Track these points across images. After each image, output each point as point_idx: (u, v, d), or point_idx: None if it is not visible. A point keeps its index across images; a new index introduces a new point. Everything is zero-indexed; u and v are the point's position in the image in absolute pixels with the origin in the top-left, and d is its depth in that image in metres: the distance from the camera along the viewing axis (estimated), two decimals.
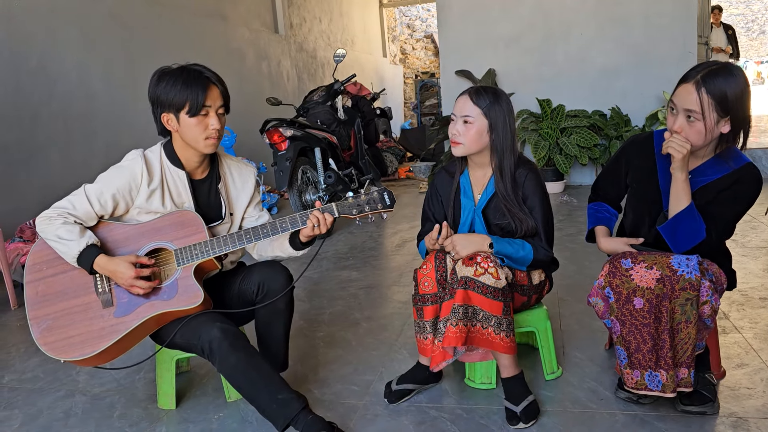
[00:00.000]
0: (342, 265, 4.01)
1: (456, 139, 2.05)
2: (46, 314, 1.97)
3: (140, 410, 2.24)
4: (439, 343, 1.93)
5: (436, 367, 1.98)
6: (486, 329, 1.92)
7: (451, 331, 1.88)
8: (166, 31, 6.07)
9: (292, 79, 8.67)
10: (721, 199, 1.87)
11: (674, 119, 1.84)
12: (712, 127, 1.79)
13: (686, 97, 1.79)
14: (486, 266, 1.90)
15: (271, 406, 1.84)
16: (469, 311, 1.91)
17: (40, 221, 1.94)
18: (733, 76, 1.77)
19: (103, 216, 1.99)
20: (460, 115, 2.04)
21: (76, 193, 1.97)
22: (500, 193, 2.06)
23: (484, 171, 2.13)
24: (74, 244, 1.90)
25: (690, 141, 1.80)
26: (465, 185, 2.16)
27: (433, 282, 2.03)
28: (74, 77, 4.92)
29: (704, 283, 1.78)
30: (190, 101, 1.91)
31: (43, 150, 4.61)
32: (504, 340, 1.92)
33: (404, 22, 15.50)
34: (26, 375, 2.62)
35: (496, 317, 1.91)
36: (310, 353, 2.62)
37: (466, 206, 2.15)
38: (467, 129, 2.03)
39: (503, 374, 2.01)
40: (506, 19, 6.56)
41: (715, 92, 1.75)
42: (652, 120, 6.00)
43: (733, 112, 1.78)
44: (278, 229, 1.96)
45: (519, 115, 6.29)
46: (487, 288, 1.89)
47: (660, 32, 6.11)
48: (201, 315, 1.95)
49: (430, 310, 2.04)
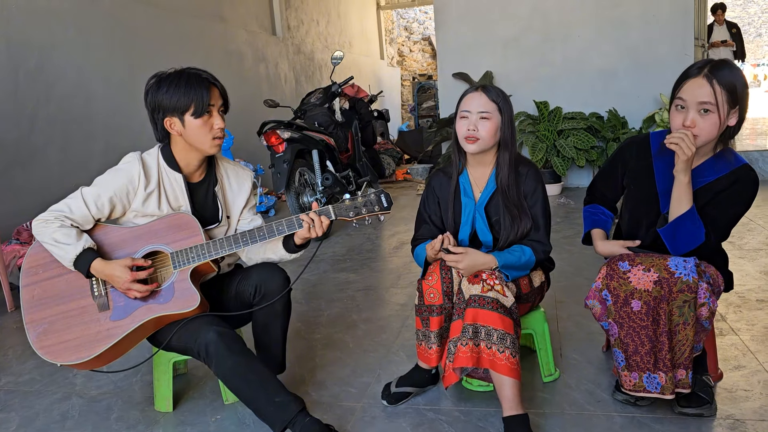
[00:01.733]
0: (340, 267, 4.01)
1: (473, 135, 2.02)
2: (42, 318, 1.96)
3: (137, 413, 2.23)
4: (450, 364, 1.90)
5: (448, 387, 1.96)
6: (490, 348, 1.85)
7: (461, 352, 1.86)
8: (165, 32, 6.07)
9: (290, 81, 8.67)
10: (719, 201, 1.87)
11: (683, 116, 1.82)
12: (724, 119, 1.80)
13: (698, 91, 1.79)
14: (492, 283, 1.88)
15: (268, 408, 1.84)
16: (480, 331, 1.86)
17: (37, 224, 1.93)
18: (734, 69, 1.82)
19: (100, 219, 1.99)
20: (476, 111, 2.03)
21: (73, 196, 1.96)
22: (503, 187, 2.06)
23: (485, 169, 2.13)
24: (71, 247, 1.89)
25: (702, 135, 1.81)
26: (465, 184, 2.15)
27: (439, 294, 2.01)
28: (72, 79, 4.91)
29: (702, 285, 1.78)
30: (195, 102, 1.92)
31: (40, 152, 4.60)
32: (510, 360, 1.84)
33: (402, 25, 15.51)
34: (23, 378, 2.61)
35: (499, 332, 1.85)
36: (308, 355, 2.62)
37: (467, 205, 2.14)
38: (485, 124, 2.02)
39: (505, 411, 1.86)
40: (504, 21, 6.57)
41: (725, 83, 1.78)
42: (650, 122, 6.01)
43: (741, 103, 1.81)
44: (275, 231, 1.96)
45: (516, 117, 6.29)
46: (496, 303, 1.86)
47: (657, 35, 6.13)
48: (197, 318, 1.94)
49: (436, 320, 2.02)
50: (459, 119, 2.07)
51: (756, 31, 19.74)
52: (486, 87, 2.07)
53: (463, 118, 2.06)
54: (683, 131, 1.79)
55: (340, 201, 1.97)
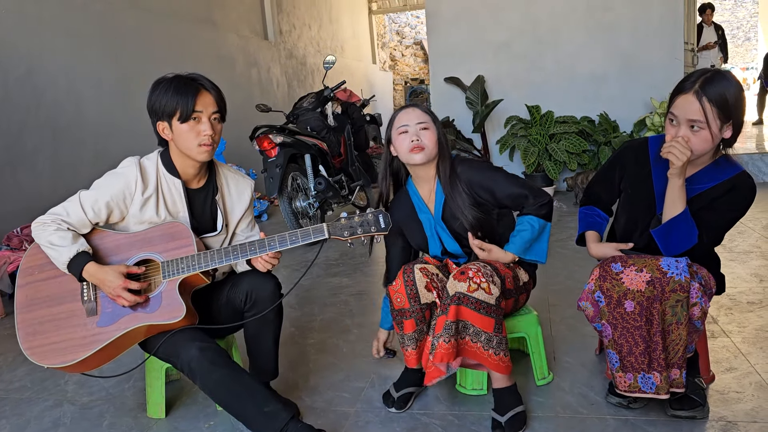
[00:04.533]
0: (333, 271, 4.00)
1: (418, 144, 2.06)
2: (33, 319, 1.96)
3: (130, 419, 2.22)
4: (432, 359, 1.92)
5: (429, 383, 1.96)
6: (475, 343, 1.91)
7: (442, 348, 1.88)
8: (155, 38, 6.06)
9: (282, 86, 8.67)
10: (715, 206, 1.88)
11: (675, 129, 1.83)
12: (717, 134, 1.80)
13: (688, 108, 1.78)
14: (479, 281, 1.90)
15: (258, 419, 1.82)
16: (460, 326, 1.91)
17: (35, 226, 1.93)
18: (728, 81, 1.78)
19: (98, 223, 1.97)
20: (414, 123, 2.09)
21: (71, 199, 1.95)
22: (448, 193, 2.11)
23: (430, 184, 2.18)
24: (65, 250, 1.88)
25: (694, 149, 1.80)
26: (418, 203, 2.21)
27: (404, 297, 2.04)
28: (62, 85, 4.89)
29: (694, 285, 1.79)
30: (180, 107, 1.90)
31: (31, 158, 4.57)
32: (492, 357, 1.91)
33: (394, 29, 15.55)
34: (14, 384, 2.59)
35: (486, 333, 1.90)
36: (301, 360, 2.61)
37: (427, 221, 2.19)
38: (426, 134, 2.09)
39: (494, 384, 2.00)
40: (495, 25, 6.60)
41: (716, 99, 1.75)
42: (640, 126, 6.05)
43: (735, 116, 1.79)
44: (266, 246, 1.91)
45: (508, 121, 6.32)
46: (480, 304, 1.88)
47: (648, 39, 6.18)
48: (181, 332, 1.92)
49: (409, 324, 2.05)
50: (398, 135, 2.10)
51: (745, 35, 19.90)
52: (414, 104, 2.17)
53: (403, 133, 2.10)
54: (677, 141, 1.80)
55: (336, 219, 1.93)
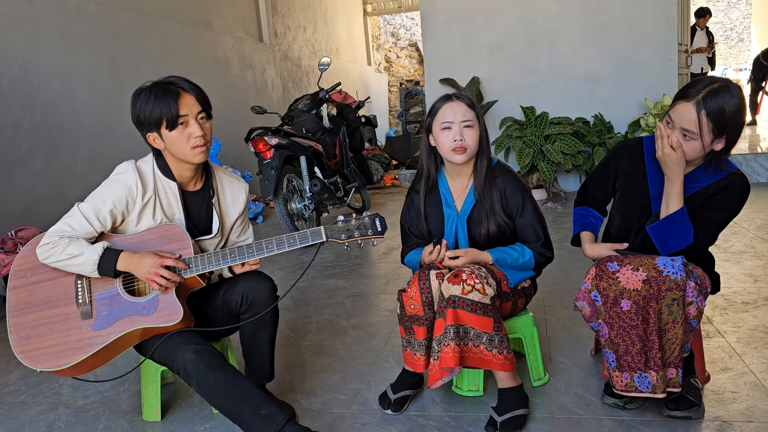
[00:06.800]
0: (328, 273, 3.99)
1: (461, 144, 2.02)
2: (26, 322, 1.94)
3: (125, 422, 2.21)
4: (436, 362, 1.92)
5: (433, 385, 1.96)
6: (478, 347, 1.91)
7: (445, 352, 1.88)
8: (150, 39, 6.04)
9: (277, 88, 8.66)
10: (710, 205, 1.89)
11: (669, 132, 1.84)
12: (708, 146, 1.81)
13: (685, 117, 1.79)
14: (473, 283, 1.90)
15: (254, 422, 1.81)
16: (461, 330, 1.90)
17: (42, 251, 1.89)
18: (732, 96, 1.76)
19: (102, 233, 1.95)
20: (459, 120, 2.03)
21: (70, 214, 1.92)
22: (480, 194, 2.08)
23: (464, 179, 2.14)
24: (89, 252, 1.85)
25: (685, 154, 1.82)
26: (446, 195, 2.16)
27: (418, 305, 2.02)
28: (57, 86, 4.87)
29: (689, 284, 1.80)
30: (165, 115, 1.88)
31: (25, 159, 4.55)
32: (497, 357, 1.91)
33: (389, 31, 15.56)
34: (8, 388, 2.58)
35: (487, 334, 1.90)
36: (297, 362, 2.60)
37: (450, 216, 2.15)
38: (470, 132, 2.03)
39: (499, 385, 2.00)
40: (490, 27, 6.62)
41: (713, 113, 1.75)
42: (635, 127, 6.07)
43: (729, 132, 1.79)
44: (264, 249, 1.92)
45: (503, 123, 6.33)
46: (476, 305, 1.89)
47: (642, 40, 6.20)
48: (177, 335, 1.92)
49: (421, 330, 2.03)
50: (441, 131, 2.05)
51: (738, 36, 19.98)
52: (459, 95, 2.07)
53: (446, 129, 2.04)
54: (671, 152, 1.81)
55: (333, 222, 1.94)
